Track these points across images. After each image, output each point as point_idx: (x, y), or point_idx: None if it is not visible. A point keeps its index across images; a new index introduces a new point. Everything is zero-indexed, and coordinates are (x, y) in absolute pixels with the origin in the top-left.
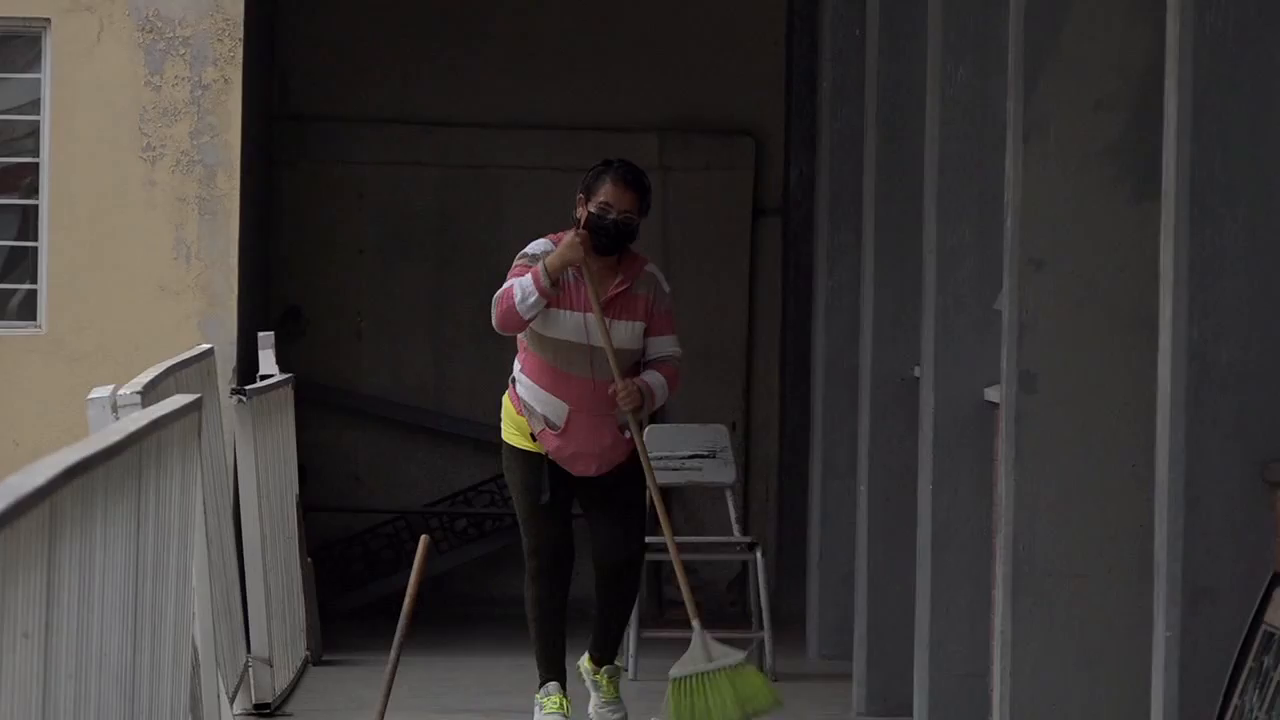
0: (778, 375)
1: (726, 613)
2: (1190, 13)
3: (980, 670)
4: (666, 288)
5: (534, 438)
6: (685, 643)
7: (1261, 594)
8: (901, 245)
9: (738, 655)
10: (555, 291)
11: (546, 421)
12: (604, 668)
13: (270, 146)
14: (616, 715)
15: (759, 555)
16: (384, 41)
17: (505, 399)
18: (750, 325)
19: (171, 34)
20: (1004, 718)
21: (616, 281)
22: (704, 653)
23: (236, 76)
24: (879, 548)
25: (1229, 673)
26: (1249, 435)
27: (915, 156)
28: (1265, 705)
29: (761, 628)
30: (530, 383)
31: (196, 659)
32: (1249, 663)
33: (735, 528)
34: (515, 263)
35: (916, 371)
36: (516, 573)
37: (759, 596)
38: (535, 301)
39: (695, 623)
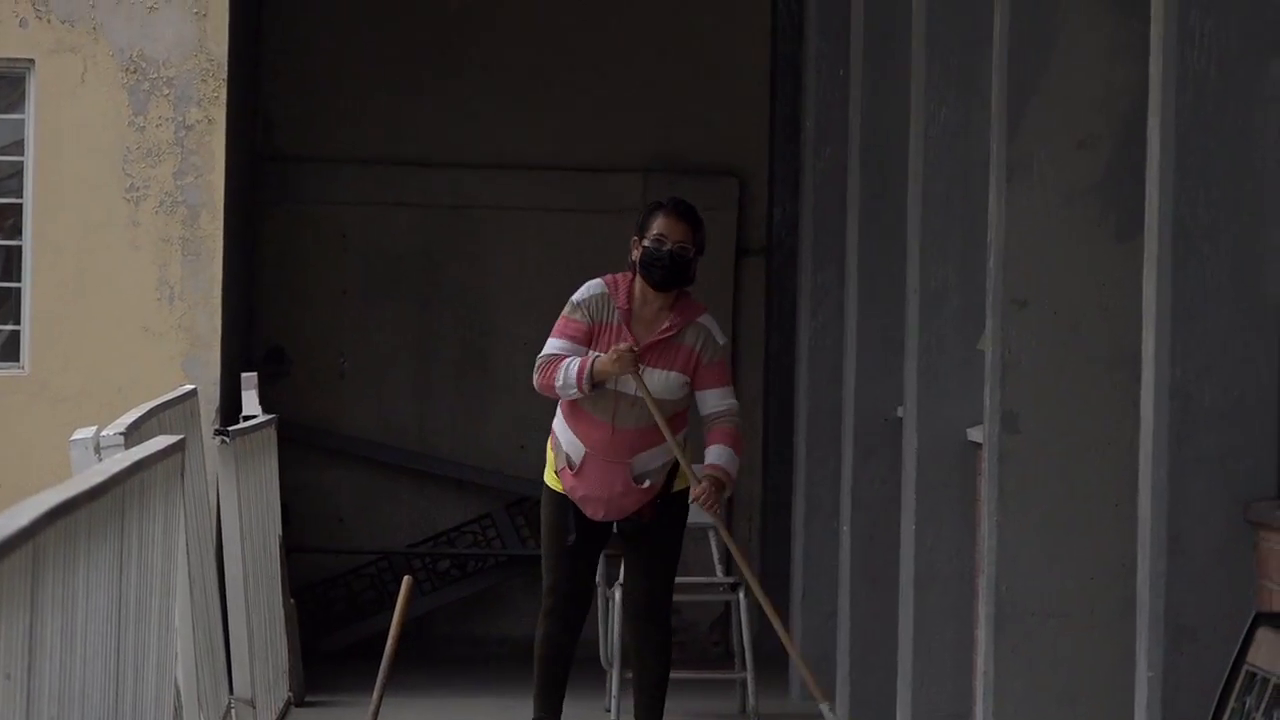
0: (761, 415)
1: (710, 653)
2: (1172, 52)
3: (963, 710)
4: (721, 340)
5: (558, 476)
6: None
7: (1244, 634)
8: (885, 285)
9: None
10: (595, 393)
11: (568, 460)
12: None
13: (254, 187)
14: None
15: (742, 595)
16: (367, 83)
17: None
18: (734, 364)
19: (155, 75)
20: None
21: (664, 327)
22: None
23: (220, 117)
24: (861, 587)
25: (1211, 713)
26: (1232, 474)
27: (898, 196)
28: None
29: (744, 668)
30: (561, 420)
31: (179, 700)
32: (1231, 703)
33: (718, 568)
34: (564, 313)
35: (900, 411)
36: (500, 613)
37: (742, 636)
38: (573, 394)
39: (825, 706)
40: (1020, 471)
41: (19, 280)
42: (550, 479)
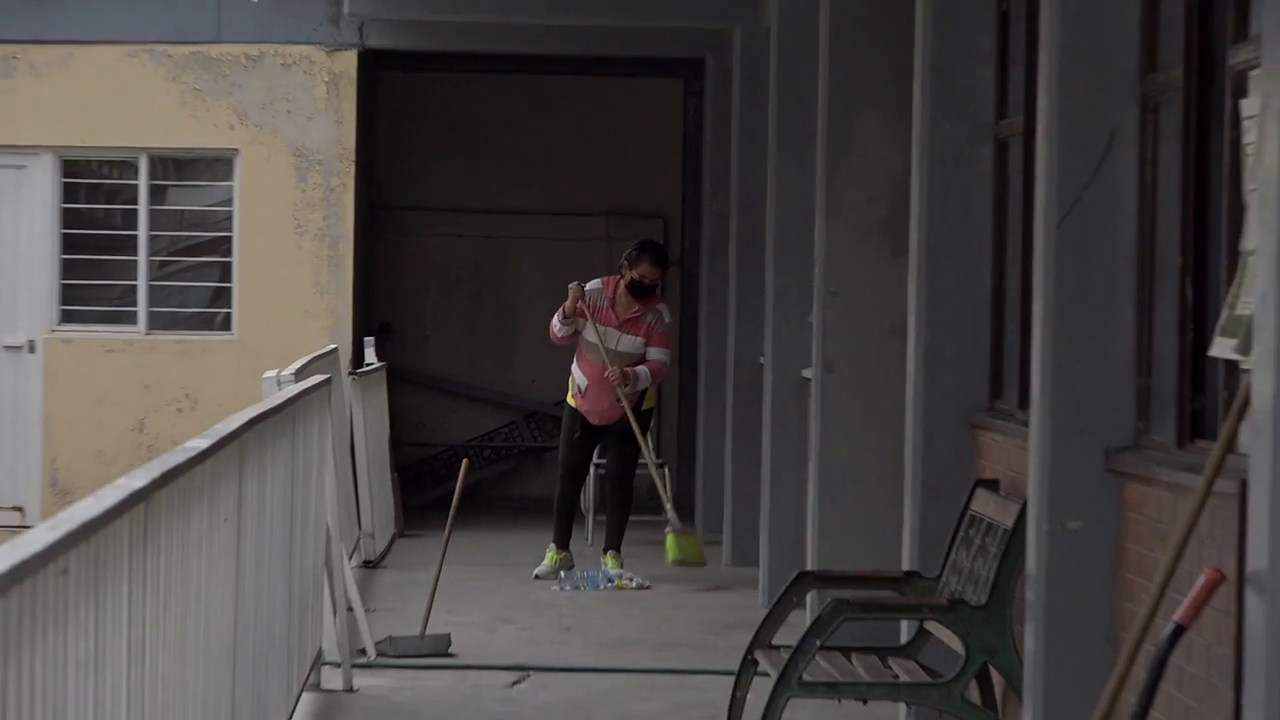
0: (677, 365)
1: (647, 505)
2: (925, 141)
3: (800, 541)
4: (667, 319)
5: (574, 398)
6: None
7: (969, 493)
8: (751, 283)
9: (688, 528)
10: (571, 325)
11: (578, 388)
12: (609, 552)
13: (370, 226)
14: (624, 576)
15: (665, 470)
16: (439, 159)
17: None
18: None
19: (310, 158)
20: (817, 561)
21: (635, 310)
22: (673, 522)
23: (350, 184)
24: (739, 468)
25: (948, 541)
26: (961, 399)
27: (760, 229)
28: (970, 556)
29: (664, 508)
30: (575, 365)
31: (329, 534)
32: (960, 534)
33: (651, 457)
34: (581, 289)
35: (761, 359)
36: (521, 483)
37: (667, 495)
38: (558, 330)
39: (668, 507)
40: (834, 396)
41: (231, 282)
42: (570, 400)
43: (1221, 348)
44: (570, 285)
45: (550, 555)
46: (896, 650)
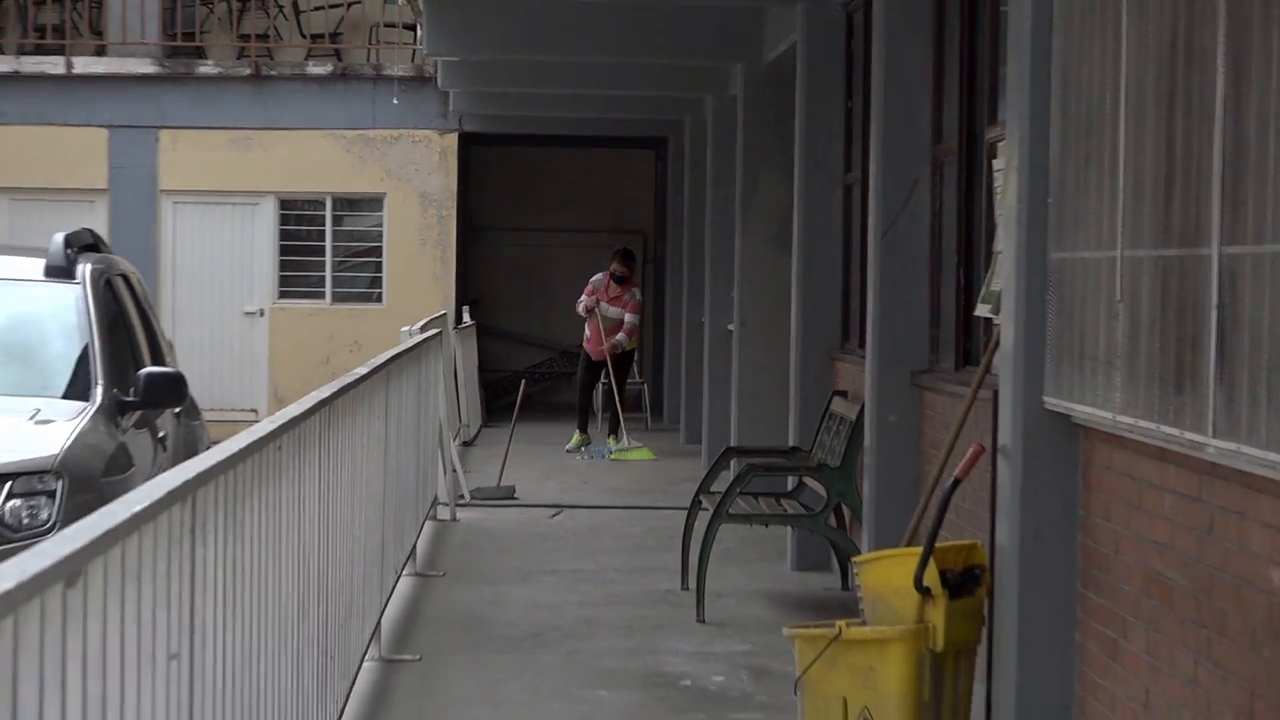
0: (653, 326)
1: (633, 409)
2: (800, 187)
3: (727, 425)
4: (638, 297)
5: (585, 343)
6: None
7: (828, 400)
8: (697, 278)
9: (634, 443)
10: (588, 314)
11: (586, 337)
12: (610, 435)
13: (465, 242)
14: (621, 442)
15: (645, 386)
16: (507, 197)
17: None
18: (642, 307)
19: (430, 198)
20: (737, 440)
21: (618, 291)
22: (624, 441)
23: (453, 214)
24: (691, 383)
25: (816, 427)
26: (823, 342)
27: (702, 240)
28: (830, 437)
29: (643, 407)
30: (586, 325)
31: (441, 424)
32: (822, 424)
33: (615, 388)
34: (587, 286)
35: (703, 319)
36: (557, 393)
37: (647, 402)
38: (581, 312)
39: (623, 433)
40: (746, 341)
41: (381, 273)
42: (585, 347)
43: (982, 310)
44: (583, 300)
45: (575, 437)
46: (785, 494)
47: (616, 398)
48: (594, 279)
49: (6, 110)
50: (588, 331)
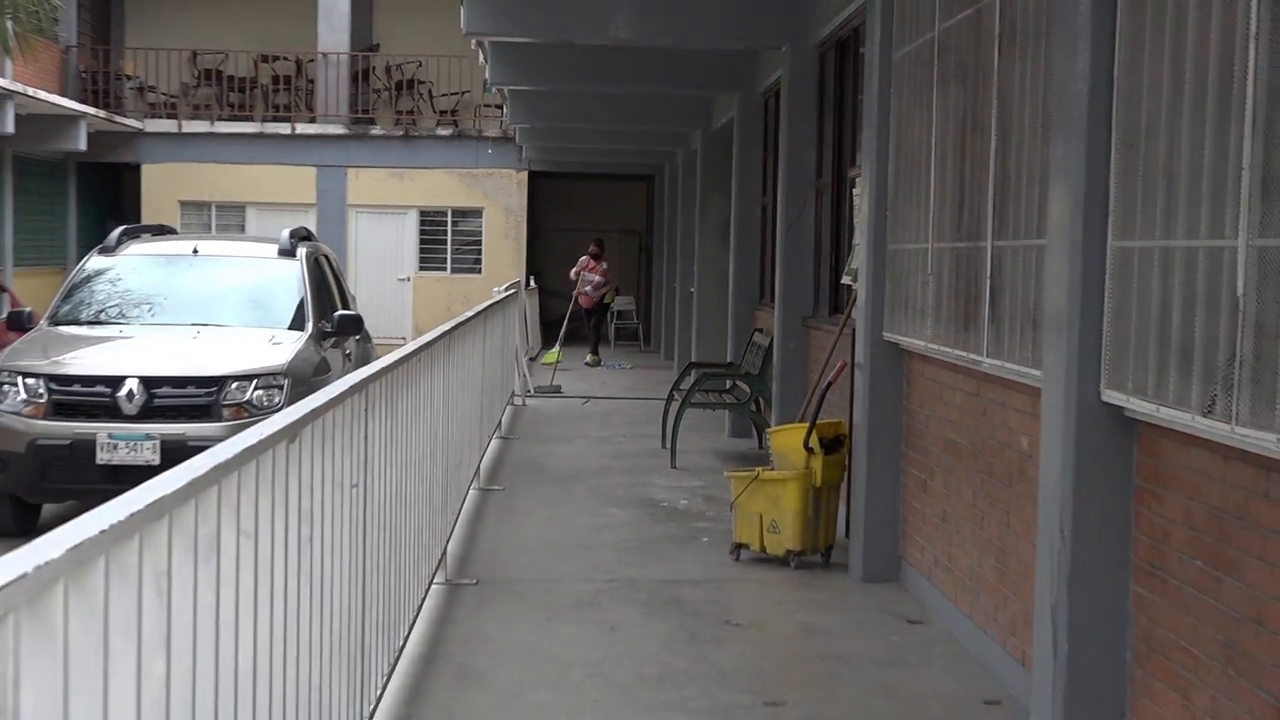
0: (644, 291)
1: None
2: (735, 205)
3: (689, 347)
4: (605, 268)
5: (580, 297)
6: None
7: (751, 333)
8: (672, 260)
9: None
10: (577, 276)
11: (576, 298)
12: (593, 354)
13: (532, 237)
14: (607, 365)
15: (640, 326)
16: (554, 210)
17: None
18: (635, 284)
19: (509, 208)
20: (696, 357)
21: (593, 265)
22: (589, 361)
23: (524, 221)
24: (668, 324)
25: (743, 351)
26: (748, 299)
27: (676, 237)
28: (753, 356)
29: (639, 340)
30: (578, 289)
31: (516, 349)
32: (748, 348)
33: (636, 321)
34: (579, 264)
35: (675, 284)
36: (582, 329)
37: (641, 334)
38: (573, 278)
39: (595, 357)
40: (701, 298)
41: (481, 256)
42: (578, 301)
43: (846, 279)
44: (572, 272)
45: (590, 357)
46: (725, 391)
47: (595, 330)
48: (581, 260)
49: (255, 155)
50: (579, 292)
